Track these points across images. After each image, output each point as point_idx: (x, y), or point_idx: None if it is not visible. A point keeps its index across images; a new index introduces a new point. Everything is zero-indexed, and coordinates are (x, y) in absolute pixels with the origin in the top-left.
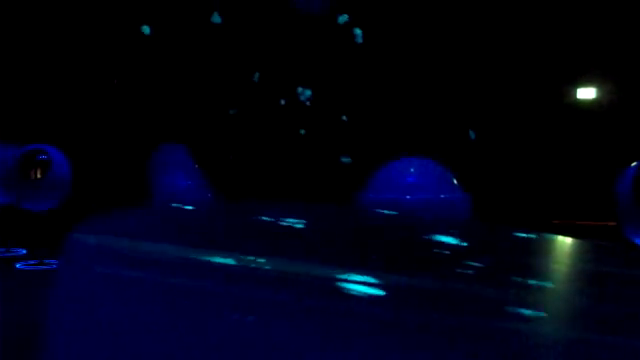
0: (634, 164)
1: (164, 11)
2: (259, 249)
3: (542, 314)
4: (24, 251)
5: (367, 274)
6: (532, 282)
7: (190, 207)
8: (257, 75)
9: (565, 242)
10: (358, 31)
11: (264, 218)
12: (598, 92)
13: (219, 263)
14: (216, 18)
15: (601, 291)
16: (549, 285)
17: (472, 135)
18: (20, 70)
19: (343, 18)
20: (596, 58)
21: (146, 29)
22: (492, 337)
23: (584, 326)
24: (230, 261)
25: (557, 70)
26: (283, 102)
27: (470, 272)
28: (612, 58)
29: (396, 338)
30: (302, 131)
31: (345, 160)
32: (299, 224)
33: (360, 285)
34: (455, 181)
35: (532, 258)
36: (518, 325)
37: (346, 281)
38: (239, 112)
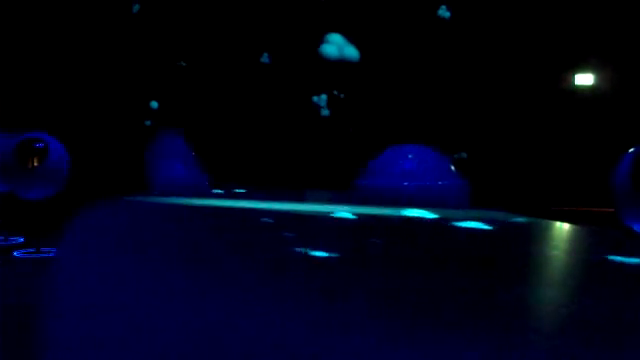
0: (632, 150)
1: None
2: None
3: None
4: (21, 239)
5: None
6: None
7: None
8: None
9: (563, 228)
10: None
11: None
12: (596, 78)
13: (217, 253)
14: (265, 59)
15: (597, 276)
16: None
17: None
18: (17, 59)
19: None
20: (594, 44)
21: (154, 103)
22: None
23: (579, 310)
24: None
25: (555, 57)
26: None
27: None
28: (610, 44)
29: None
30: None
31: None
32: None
33: None
34: (453, 168)
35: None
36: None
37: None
38: (236, 100)
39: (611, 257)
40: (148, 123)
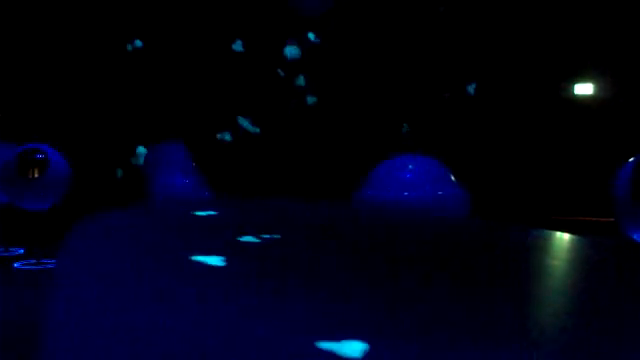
0: (632, 160)
1: (159, 12)
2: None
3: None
4: (22, 250)
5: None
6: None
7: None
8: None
9: (563, 238)
10: None
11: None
12: (595, 88)
13: (218, 262)
14: (238, 46)
15: (598, 287)
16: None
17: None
18: (17, 69)
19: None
20: (593, 54)
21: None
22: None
23: (581, 321)
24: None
25: (554, 66)
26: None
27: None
28: (609, 54)
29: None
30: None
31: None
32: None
33: None
34: (453, 178)
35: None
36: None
37: None
38: (238, 109)
39: (611, 267)
40: (149, 132)
